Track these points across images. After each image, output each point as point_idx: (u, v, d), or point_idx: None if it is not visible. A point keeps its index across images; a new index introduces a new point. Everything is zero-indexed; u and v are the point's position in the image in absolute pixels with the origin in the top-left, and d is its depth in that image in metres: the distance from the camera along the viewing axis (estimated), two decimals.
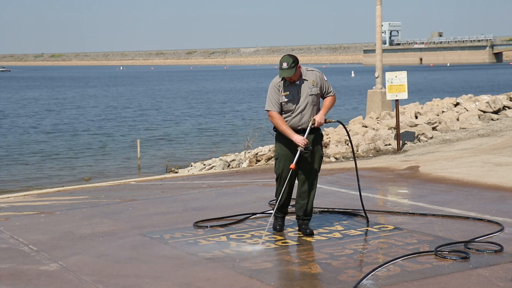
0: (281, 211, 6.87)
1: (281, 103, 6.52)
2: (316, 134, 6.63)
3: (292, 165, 6.39)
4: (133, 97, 55.32)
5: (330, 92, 6.72)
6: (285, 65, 6.39)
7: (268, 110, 6.58)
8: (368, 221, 7.24)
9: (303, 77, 6.55)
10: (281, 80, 6.52)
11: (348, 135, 7.43)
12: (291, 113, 6.54)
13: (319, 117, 6.53)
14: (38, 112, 40.30)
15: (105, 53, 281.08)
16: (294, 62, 6.40)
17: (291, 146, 6.50)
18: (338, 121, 7.22)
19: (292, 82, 6.52)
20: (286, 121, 6.54)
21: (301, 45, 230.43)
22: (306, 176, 6.65)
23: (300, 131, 6.50)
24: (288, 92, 6.50)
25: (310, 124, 6.49)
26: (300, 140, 6.39)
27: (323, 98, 6.75)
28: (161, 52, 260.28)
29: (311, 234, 6.73)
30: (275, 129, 6.64)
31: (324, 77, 6.70)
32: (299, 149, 6.40)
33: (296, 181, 6.75)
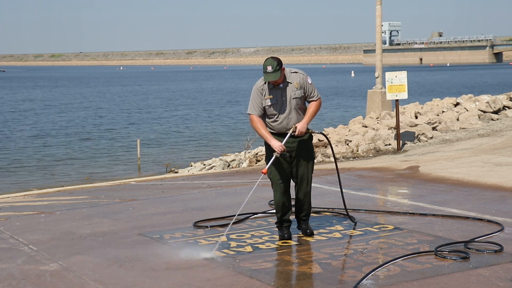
0: (286, 220, 6.65)
1: (264, 107, 6.38)
2: (301, 139, 6.45)
3: (264, 170, 6.25)
4: (134, 97, 55.33)
5: (314, 96, 6.48)
6: (269, 68, 6.20)
7: (249, 114, 6.43)
8: (354, 222, 7.17)
9: (286, 80, 6.39)
10: (265, 83, 6.38)
11: (331, 146, 7.20)
12: (277, 117, 6.39)
13: (301, 125, 6.34)
14: (35, 112, 40.29)
15: (105, 53, 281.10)
16: (279, 65, 6.22)
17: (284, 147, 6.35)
18: (321, 133, 7.02)
19: (277, 85, 6.37)
20: (273, 126, 6.42)
21: (301, 45, 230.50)
22: (301, 179, 6.55)
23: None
24: (271, 96, 6.35)
25: (290, 132, 6.34)
26: (277, 146, 6.24)
27: (308, 102, 6.55)
28: (161, 52, 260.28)
29: (311, 234, 6.71)
30: None
31: (309, 79, 6.47)
32: (274, 155, 6.28)
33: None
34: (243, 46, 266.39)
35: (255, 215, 7.78)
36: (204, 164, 17.51)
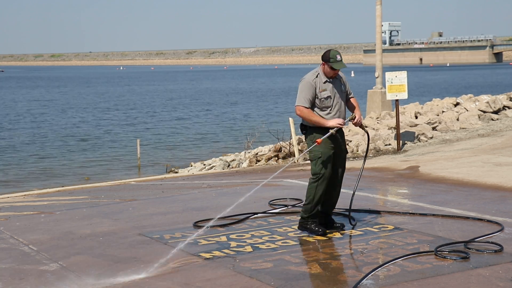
0: (317, 215, 6.79)
1: (320, 99, 6.59)
2: (342, 132, 6.83)
3: (319, 140, 6.41)
4: (133, 97, 55.33)
5: (351, 93, 6.91)
6: (339, 57, 6.57)
7: (299, 105, 6.59)
8: (352, 225, 7.08)
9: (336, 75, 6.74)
10: (316, 78, 6.62)
11: (368, 142, 7.42)
12: (331, 110, 6.64)
13: (359, 114, 6.69)
14: (35, 113, 40.28)
15: (105, 53, 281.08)
16: None
17: (331, 143, 6.56)
18: (367, 132, 7.36)
19: (334, 78, 6.64)
20: (325, 118, 6.63)
21: (301, 45, 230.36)
22: (341, 175, 6.85)
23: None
24: (325, 89, 6.61)
25: (349, 118, 6.63)
26: (339, 121, 6.54)
27: (347, 99, 6.86)
28: (161, 52, 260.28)
29: (343, 226, 6.97)
30: (305, 131, 6.70)
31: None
32: (331, 131, 6.47)
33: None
34: (243, 46, 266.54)
35: (255, 215, 7.78)
36: (204, 164, 17.52)
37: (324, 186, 6.64)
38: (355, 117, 6.67)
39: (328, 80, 6.65)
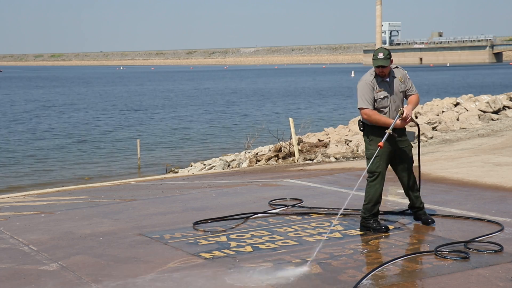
0: (378, 213, 6.82)
1: (376, 100, 6.58)
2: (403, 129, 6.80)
3: (381, 143, 6.40)
4: (134, 97, 55.32)
5: (413, 90, 6.81)
6: (381, 55, 6.55)
7: (363, 108, 6.58)
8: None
9: (392, 74, 6.68)
10: (374, 78, 6.60)
11: (419, 133, 7.49)
12: (387, 110, 6.63)
13: (408, 109, 6.59)
14: (35, 113, 40.28)
15: (105, 53, 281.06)
16: (389, 54, 6.60)
17: (389, 142, 6.56)
18: (417, 125, 7.38)
19: (384, 76, 6.60)
20: None
21: (301, 45, 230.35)
22: (408, 169, 6.82)
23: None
24: (382, 89, 6.60)
25: (398, 114, 6.55)
26: (400, 123, 6.56)
27: (406, 96, 6.80)
28: (161, 52, 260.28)
29: (433, 221, 6.98)
30: (362, 128, 6.71)
31: (407, 75, 6.83)
32: (387, 131, 6.44)
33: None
34: (243, 46, 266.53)
35: (255, 215, 7.78)
36: (204, 164, 17.52)
37: (381, 184, 6.67)
38: (403, 112, 6.53)
39: (384, 80, 6.62)
